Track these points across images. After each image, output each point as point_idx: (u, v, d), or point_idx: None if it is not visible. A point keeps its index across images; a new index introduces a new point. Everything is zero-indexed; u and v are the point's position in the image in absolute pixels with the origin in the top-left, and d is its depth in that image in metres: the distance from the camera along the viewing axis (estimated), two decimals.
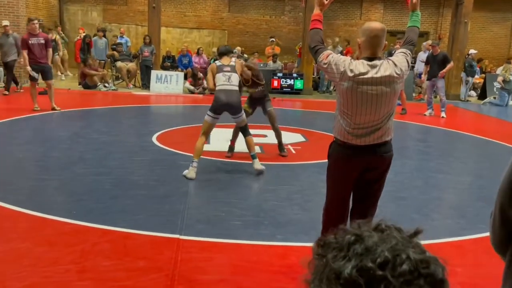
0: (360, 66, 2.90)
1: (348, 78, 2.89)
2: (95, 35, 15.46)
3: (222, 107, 5.66)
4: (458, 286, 3.16)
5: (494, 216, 1.25)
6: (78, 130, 8.07)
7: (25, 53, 9.30)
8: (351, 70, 2.89)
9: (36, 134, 7.95)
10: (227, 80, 5.66)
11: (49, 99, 9.62)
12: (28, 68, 9.31)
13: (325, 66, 3.00)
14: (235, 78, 5.71)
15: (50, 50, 9.69)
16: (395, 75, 2.93)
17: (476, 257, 3.79)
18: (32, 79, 9.44)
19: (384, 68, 2.92)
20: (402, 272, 0.67)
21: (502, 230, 1.22)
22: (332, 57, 2.99)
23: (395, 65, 2.97)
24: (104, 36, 15.31)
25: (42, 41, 9.43)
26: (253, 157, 5.85)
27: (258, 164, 5.85)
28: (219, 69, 5.72)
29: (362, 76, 2.88)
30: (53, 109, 9.61)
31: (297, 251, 3.73)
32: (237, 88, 5.73)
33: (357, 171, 3.10)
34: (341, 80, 2.92)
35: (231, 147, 6.76)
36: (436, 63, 11.20)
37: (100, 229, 3.97)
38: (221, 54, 5.91)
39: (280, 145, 6.87)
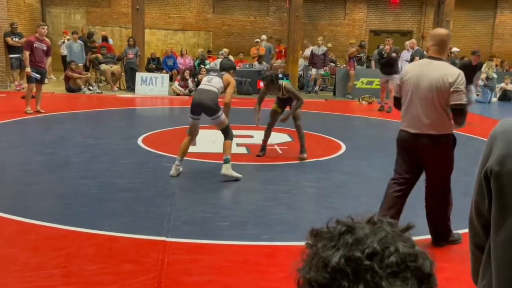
0: None
1: None
2: (80, 37, 15.32)
3: (195, 106, 5.61)
4: (444, 281, 3.19)
5: (470, 212, 1.28)
6: (64, 133, 8.00)
7: (27, 54, 9.37)
8: None
9: (21, 138, 7.85)
10: (208, 81, 5.69)
11: (35, 102, 9.60)
12: (28, 69, 9.31)
13: None
14: (217, 81, 5.66)
15: (50, 58, 9.89)
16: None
17: (462, 252, 3.83)
18: (31, 81, 9.45)
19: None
20: (390, 263, 0.68)
21: (478, 224, 1.24)
22: None
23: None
24: (90, 38, 15.18)
25: (45, 48, 9.59)
26: (225, 161, 5.56)
27: (226, 169, 5.54)
28: (207, 74, 5.84)
29: None
30: (38, 111, 9.57)
31: (284, 250, 3.74)
32: (215, 89, 5.62)
33: None
34: None
35: (263, 146, 6.86)
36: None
37: (85, 233, 3.94)
38: (223, 69, 5.95)
39: (302, 147, 6.70)
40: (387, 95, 11.78)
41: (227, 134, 5.71)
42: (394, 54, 11.59)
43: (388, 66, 11.58)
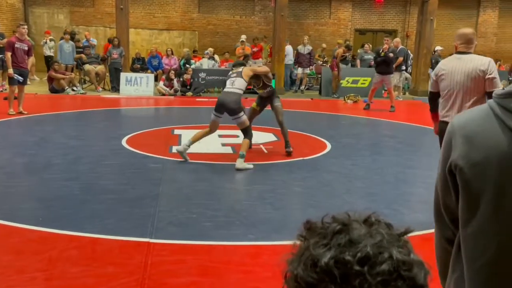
0: None
1: None
2: (62, 38, 15.16)
3: (219, 106, 6.18)
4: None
5: (437, 207, 1.30)
6: (46, 135, 7.90)
7: (9, 55, 9.27)
8: None
9: (2, 140, 7.73)
10: (231, 84, 6.26)
11: (18, 103, 9.49)
12: (11, 70, 9.21)
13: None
14: (239, 82, 6.22)
15: (31, 58, 9.79)
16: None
17: None
18: (13, 83, 9.36)
19: None
20: (381, 271, 0.65)
21: (448, 218, 1.27)
22: None
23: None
24: (72, 39, 15.04)
25: (26, 48, 9.51)
26: (240, 156, 6.06)
27: (239, 163, 6.00)
28: (228, 77, 6.46)
29: None
30: (20, 113, 9.45)
31: (269, 250, 3.73)
32: (239, 91, 6.17)
33: None
34: None
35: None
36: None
37: (68, 235, 3.89)
38: (235, 65, 6.77)
39: (286, 142, 6.91)
40: (378, 94, 11.88)
41: (247, 133, 6.23)
42: (391, 54, 11.64)
43: (384, 65, 11.63)
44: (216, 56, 16.45)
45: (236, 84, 6.20)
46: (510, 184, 1.09)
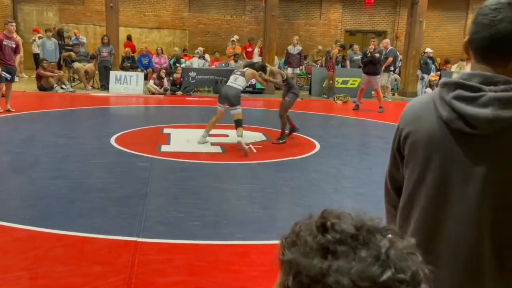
0: None
1: None
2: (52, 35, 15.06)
3: (222, 98, 7.09)
4: None
5: (386, 180, 1.54)
6: (34, 133, 7.84)
7: None
8: None
9: None
10: (234, 80, 7.08)
11: (5, 101, 9.43)
12: None
13: None
14: (240, 80, 7.06)
15: (19, 55, 9.73)
16: None
17: None
18: (1, 80, 9.30)
19: None
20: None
21: (392, 187, 1.52)
22: None
23: None
24: (60, 35, 14.93)
25: (13, 45, 9.48)
26: (238, 136, 6.91)
27: (238, 141, 6.87)
28: (233, 73, 7.35)
29: None
30: (8, 110, 9.39)
31: (256, 249, 3.74)
32: (238, 87, 7.02)
33: None
34: None
35: (292, 128, 7.98)
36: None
37: (55, 234, 3.87)
38: (246, 66, 7.67)
39: (281, 134, 7.62)
40: (367, 94, 11.92)
41: (238, 124, 6.97)
42: (377, 55, 11.70)
43: (370, 65, 11.69)
44: (206, 56, 16.43)
45: (237, 81, 7.03)
46: (432, 160, 1.30)
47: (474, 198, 1.24)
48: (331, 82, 14.53)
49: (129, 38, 17.65)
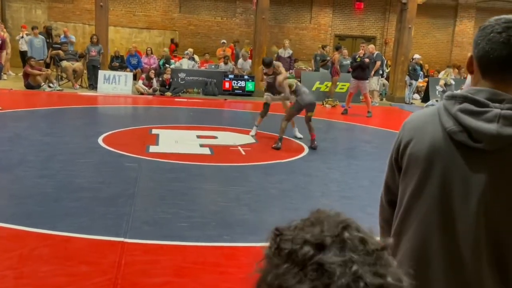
0: None
1: None
2: (40, 33, 14.92)
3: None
4: None
5: (382, 193, 1.52)
6: (20, 131, 7.75)
7: None
8: None
9: None
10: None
11: None
12: None
13: None
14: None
15: (5, 52, 9.53)
16: None
17: None
18: None
19: None
20: None
21: (386, 199, 1.50)
22: None
23: None
24: (48, 33, 14.80)
25: None
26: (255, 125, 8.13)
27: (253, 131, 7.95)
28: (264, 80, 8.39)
29: None
30: None
31: (244, 251, 3.74)
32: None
33: None
34: None
35: (312, 141, 7.92)
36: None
37: (40, 233, 3.83)
38: (264, 64, 8.11)
39: (279, 139, 7.62)
40: (356, 99, 11.96)
41: (265, 112, 8.22)
42: (366, 60, 11.78)
43: (360, 70, 11.77)
44: (196, 57, 16.40)
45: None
46: (431, 171, 1.30)
47: (474, 212, 1.24)
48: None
49: (172, 41, 18.62)
